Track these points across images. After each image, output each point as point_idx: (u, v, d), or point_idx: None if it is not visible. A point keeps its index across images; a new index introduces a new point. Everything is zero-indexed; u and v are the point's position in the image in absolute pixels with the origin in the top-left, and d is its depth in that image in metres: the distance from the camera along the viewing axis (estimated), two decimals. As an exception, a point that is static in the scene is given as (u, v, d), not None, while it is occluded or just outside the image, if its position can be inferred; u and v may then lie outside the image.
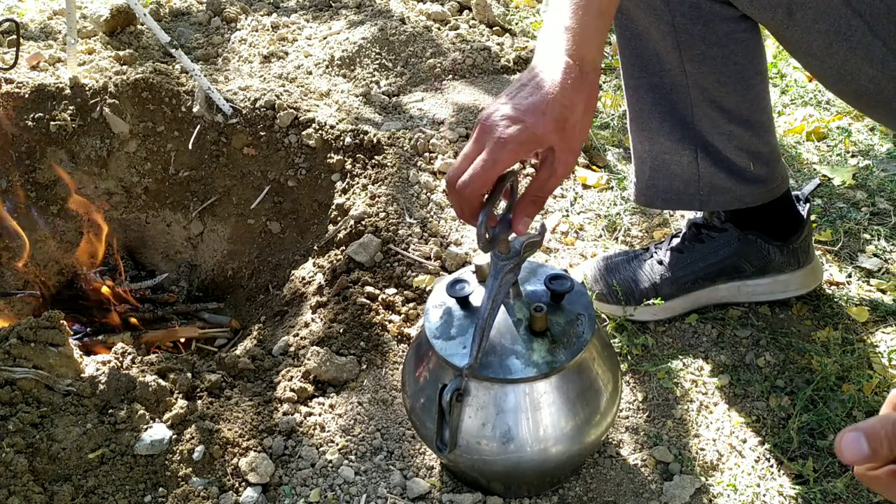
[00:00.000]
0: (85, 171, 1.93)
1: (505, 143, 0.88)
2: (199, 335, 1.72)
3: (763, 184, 1.35)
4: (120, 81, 1.92)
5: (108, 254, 1.97)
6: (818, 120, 2.02)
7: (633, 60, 1.30)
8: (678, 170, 1.35)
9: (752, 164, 1.32)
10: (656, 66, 1.27)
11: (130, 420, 1.19)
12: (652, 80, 1.29)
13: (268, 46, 2.29)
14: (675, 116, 1.30)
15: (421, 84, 2.15)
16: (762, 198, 1.37)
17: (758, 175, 1.34)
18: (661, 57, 1.25)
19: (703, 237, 1.43)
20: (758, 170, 1.33)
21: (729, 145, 1.31)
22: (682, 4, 1.18)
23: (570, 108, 0.90)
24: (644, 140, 1.36)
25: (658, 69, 1.27)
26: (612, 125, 2.00)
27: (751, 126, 1.30)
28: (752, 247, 1.41)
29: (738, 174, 1.33)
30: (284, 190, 1.88)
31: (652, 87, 1.29)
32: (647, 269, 1.45)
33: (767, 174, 1.35)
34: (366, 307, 1.47)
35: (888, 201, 1.75)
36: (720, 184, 1.34)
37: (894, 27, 1.00)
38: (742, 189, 1.35)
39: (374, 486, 1.19)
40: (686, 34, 1.20)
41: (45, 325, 1.27)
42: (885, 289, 1.52)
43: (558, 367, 1.01)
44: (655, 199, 1.41)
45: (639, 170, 1.40)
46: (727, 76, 1.24)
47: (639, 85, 1.31)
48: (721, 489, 1.17)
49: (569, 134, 0.91)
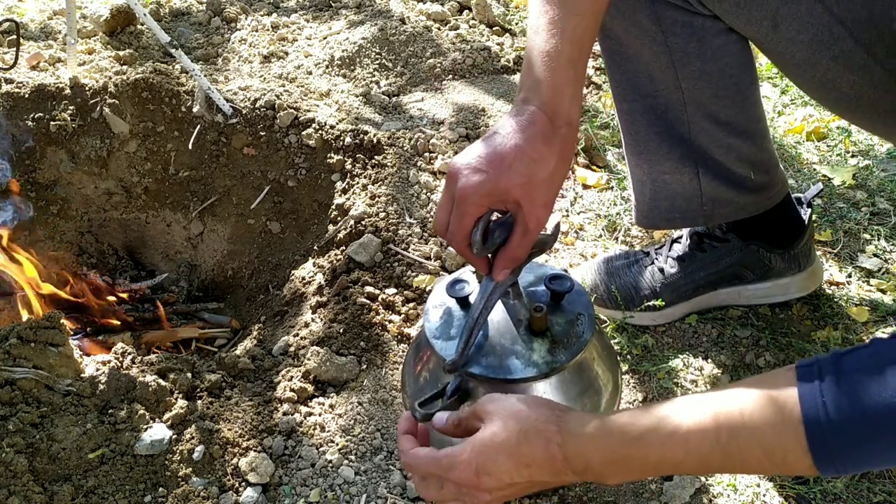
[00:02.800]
0: (85, 171, 1.93)
1: (466, 196, 0.88)
2: (199, 335, 1.72)
3: (765, 191, 1.35)
4: (120, 81, 1.92)
5: (108, 254, 1.97)
6: (818, 120, 2.02)
7: (625, 84, 1.28)
8: (679, 188, 1.34)
9: (753, 173, 1.32)
10: (649, 87, 1.25)
11: (130, 420, 1.19)
12: (646, 102, 1.27)
13: (268, 46, 2.29)
14: (672, 135, 1.29)
15: (421, 84, 2.15)
16: (765, 205, 1.36)
17: (759, 183, 1.33)
18: (653, 77, 1.24)
19: (705, 247, 1.42)
20: (758, 178, 1.33)
21: (729, 157, 1.30)
22: (675, 24, 1.17)
23: (538, 162, 0.88)
24: (642, 163, 1.34)
25: (651, 90, 1.25)
26: (613, 125, 2.00)
27: (749, 136, 1.30)
28: (755, 256, 1.40)
29: (740, 184, 1.33)
30: (284, 190, 1.88)
31: (646, 110, 1.28)
32: (648, 276, 1.45)
33: (768, 181, 1.35)
34: (366, 307, 1.47)
35: (888, 201, 1.75)
36: (723, 196, 1.34)
37: (876, 33, 1.00)
38: (745, 199, 1.34)
39: (374, 486, 1.19)
40: (681, 52, 1.20)
41: (45, 325, 1.27)
42: (885, 289, 1.52)
43: (558, 367, 1.01)
44: (658, 220, 1.40)
45: (638, 192, 1.39)
46: (723, 89, 1.23)
47: (633, 109, 1.30)
48: (721, 489, 1.17)
49: (536, 189, 0.88)
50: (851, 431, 0.67)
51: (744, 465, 0.74)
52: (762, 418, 0.71)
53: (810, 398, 0.69)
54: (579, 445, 0.81)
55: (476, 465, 0.84)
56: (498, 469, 0.83)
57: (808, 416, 0.68)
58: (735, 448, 0.73)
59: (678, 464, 0.77)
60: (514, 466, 0.83)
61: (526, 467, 0.82)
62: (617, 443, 0.79)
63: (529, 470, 0.83)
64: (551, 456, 0.82)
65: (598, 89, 2.17)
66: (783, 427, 0.70)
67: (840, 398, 0.67)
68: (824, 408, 0.68)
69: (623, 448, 0.79)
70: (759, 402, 0.72)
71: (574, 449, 0.81)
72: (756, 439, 0.72)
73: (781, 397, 0.70)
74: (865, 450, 0.68)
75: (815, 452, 0.69)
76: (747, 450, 0.72)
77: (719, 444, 0.74)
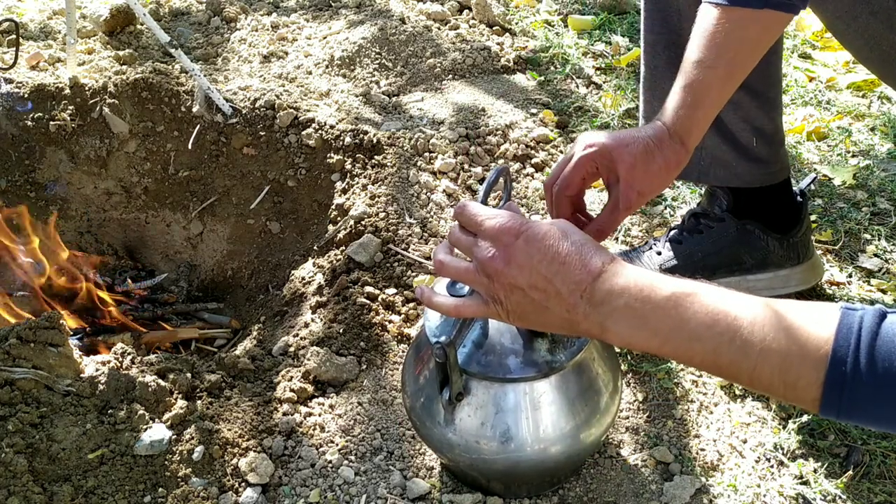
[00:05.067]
0: (84, 171, 1.93)
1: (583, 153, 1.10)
2: (198, 335, 1.72)
3: (764, 164, 1.36)
4: (119, 81, 1.92)
5: (107, 254, 1.97)
6: (818, 120, 2.02)
7: (655, 15, 1.31)
8: None
9: (756, 141, 1.33)
10: (676, 23, 1.28)
11: (130, 420, 1.19)
12: (670, 38, 1.30)
13: (267, 46, 2.29)
14: None
15: (421, 84, 2.15)
16: (761, 179, 1.37)
17: (759, 154, 1.35)
18: (682, 14, 1.26)
19: (702, 227, 1.43)
20: (760, 148, 1.34)
21: (734, 116, 1.32)
22: None
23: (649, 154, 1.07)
24: (654, 100, 1.36)
25: (678, 27, 1.27)
26: (613, 125, 2.00)
27: (758, 96, 1.31)
28: (751, 237, 1.41)
29: (741, 150, 1.34)
30: (284, 190, 1.88)
31: (669, 45, 1.30)
32: (646, 260, 1.45)
33: (769, 155, 1.36)
34: (366, 307, 1.47)
35: (889, 201, 1.74)
36: (721, 156, 1.35)
37: None
38: (742, 166, 1.35)
39: (374, 486, 1.19)
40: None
41: (44, 325, 1.27)
42: (886, 289, 1.51)
43: (558, 366, 1.01)
44: None
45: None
46: None
47: (657, 41, 1.32)
48: (721, 489, 1.17)
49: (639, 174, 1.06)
50: (872, 386, 0.68)
51: (752, 374, 0.73)
52: (793, 336, 0.71)
53: (844, 340, 0.69)
54: (621, 272, 0.79)
55: (520, 227, 0.83)
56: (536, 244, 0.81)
57: (836, 357, 0.69)
58: (756, 350, 0.72)
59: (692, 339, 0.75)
60: (552, 253, 0.81)
61: (560, 262, 0.80)
62: (656, 286, 0.77)
63: (560, 267, 0.80)
64: (589, 266, 0.79)
65: (598, 89, 2.17)
66: (808, 353, 0.70)
67: (872, 352, 0.68)
68: (855, 354, 0.68)
69: (655, 292, 0.77)
70: (797, 320, 0.72)
71: (613, 272, 0.79)
72: (779, 353, 0.71)
73: (818, 327, 0.71)
74: (876, 407, 0.69)
75: (828, 391, 0.69)
76: (765, 359, 0.72)
77: (742, 339, 0.73)
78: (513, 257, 0.82)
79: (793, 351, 0.71)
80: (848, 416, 0.71)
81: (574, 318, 0.81)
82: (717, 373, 0.78)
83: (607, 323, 0.79)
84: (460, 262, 0.89)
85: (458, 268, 0.88)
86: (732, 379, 0.78)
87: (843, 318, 0.70)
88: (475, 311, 0.89)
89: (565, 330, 0.83)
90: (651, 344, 0.78)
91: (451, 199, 1.74)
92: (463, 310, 0.90)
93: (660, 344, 0.77)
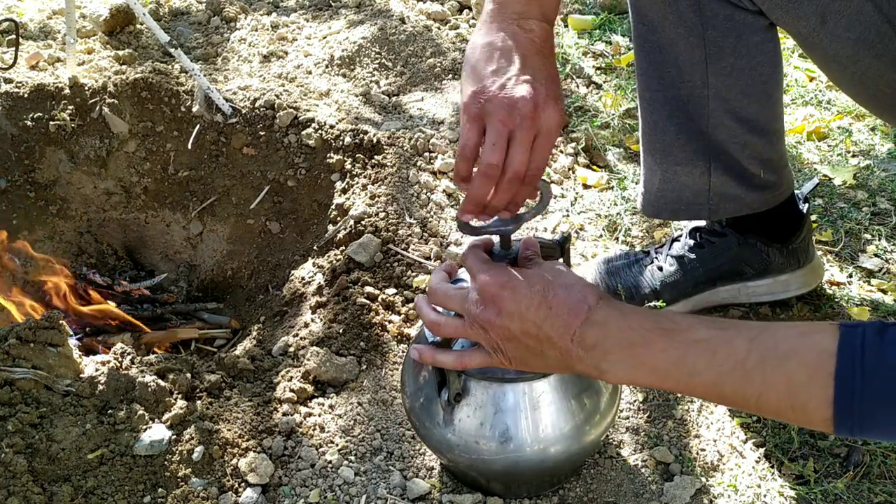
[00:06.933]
0: (84, 171, 1.93)
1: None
2: (198, 335, 1.72)
3: (771, 190, 1.35)
4: (119, 81, 1.91)
5: (107, 254, 1.97)
6: (819, 120, 2.02)
7: (651, 72, 1.28)
8: (689, 181, 1.34)
9: (763, 172, 1.32)
10: (675, 77, 1.25)
11: (130, 420, 1.19)
12: (668, 93, 1.27)
13: (267, 46, 2.29)
14: (690, 128, 1.29)
15: (421, 84, 2.15)
16: (769, 203, 1.37)
17: (767, 181, 1.34)
18: (682, 69, 1.24)
19: (703, 242, 1.43)
20: (767, 176, 1.33)
21: (743, 154, 1.30)
22: (717, 17, 1.17)
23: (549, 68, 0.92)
24: (656, 152, 1.34)
25: (677, 81, 1.25)
26: (613, 125, 2.00)
27: (766, 134, 1.30)
28: (752, 250, 1.40)
29: (749, 182, 1.33)
30: (284, 190, 1.88)
31: (668, 100, 1.28)
32: (648, 275, 1.44)
33: (776, 180, 1.35)
34: (366, 307, 1.47)
35: (889, 201, 1.74)
36: (730, 192, 1.34)
37: None
38: (751, 196, 1.34)
39: (374, 486, 1.19)
40: (715, 47, 1.19)
41: (44, 325, 1.27)
42: (886, 289, 1.51)
43: (558, 367, 1.00)
44: (664, 210, 1.41)
45: (648, 181, 1.39)
46: (751, 87, 1.24)
47: (654, 98, 1.30)
48: (722, 490, 1.17)
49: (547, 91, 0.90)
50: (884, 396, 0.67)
51: (759, 401, 0.72)
52: (796, 359, 0.70)
53: (848, 357, 0.68)
54: (609, 313, 0.79)
55: (506, 278, 0.83)
56: (524, 291, 0.81)
57: (842, 374, 0.68)
58: (759, 377, 0.71)
59: (693, 373, 0.74)
60: (538, 299, 0.81)
61: (548, 308, 0.80)
62: (645, 324, 0.77)
63: (548, 313, 0.80)
64: (576, 310, 0.80)
65: (598, 89, 2.17)
66: (815, 373, 0.69)
67: (877, 367, 0.67)
68: (861, 370, 0.67)
69: (649, 332, 0.76)
70: (797, 343, 0.71)
71: (602, 314, 0.79)
72: (784, 376, 0.70)
73: (820, 346, 0.69)
74: (890, 417, 0.68)
75: (839, 410, 0.68)
76: (771, 384, 0.71)
77: (744, 368, 0.72)
78: (503, 308, 0.84)
79: (797, 373, 0.70)
80: (862, 431, 0.69)
81: (570, 362, 0.82)
82: (722, 402, 0.78)
83: (603, 365, 0.80)
84: (455, 320, 0.91)
85: (456, 325, 0.90)
86: (740, 407, 0.78)
87: (845, 335, 0.69)
88: (480, 362, 0.91)
89: (567, 373, 0.85)
90: (651, 381, 0.79)
91: (451, 200, 1.74)
92: (468, 362, 0.92)
93: (660, 381, 0.78)
